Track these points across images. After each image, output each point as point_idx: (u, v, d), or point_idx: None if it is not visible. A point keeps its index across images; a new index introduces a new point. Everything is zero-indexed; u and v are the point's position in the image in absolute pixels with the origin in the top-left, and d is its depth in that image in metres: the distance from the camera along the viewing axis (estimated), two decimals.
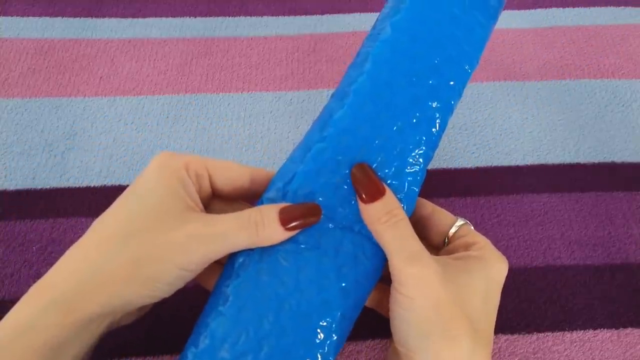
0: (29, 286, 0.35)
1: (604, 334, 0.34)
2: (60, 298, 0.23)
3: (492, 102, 0.47)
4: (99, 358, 0.28)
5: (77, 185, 0.40)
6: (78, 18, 0.53)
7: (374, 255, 0.26)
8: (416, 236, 0.25)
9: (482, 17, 0.28)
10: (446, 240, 0.28)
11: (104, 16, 0.53)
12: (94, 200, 0.40)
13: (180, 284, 0.25)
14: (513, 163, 0.43)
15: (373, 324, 0.33)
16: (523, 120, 0.46)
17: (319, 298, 0.25)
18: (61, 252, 0.37)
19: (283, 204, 0.25)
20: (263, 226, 0.24)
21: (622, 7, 0.55)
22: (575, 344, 0.34)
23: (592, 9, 0.55)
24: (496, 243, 0.38)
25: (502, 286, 0.26)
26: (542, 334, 0.34)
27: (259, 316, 0.24)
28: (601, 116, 0.46)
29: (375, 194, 0.25)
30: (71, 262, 0.24)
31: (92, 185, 0.40)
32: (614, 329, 0.34)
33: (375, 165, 0.26)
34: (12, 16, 0.52)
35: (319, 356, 0.24)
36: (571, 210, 0.40)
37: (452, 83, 0.27)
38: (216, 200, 0.29)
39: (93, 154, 0.42)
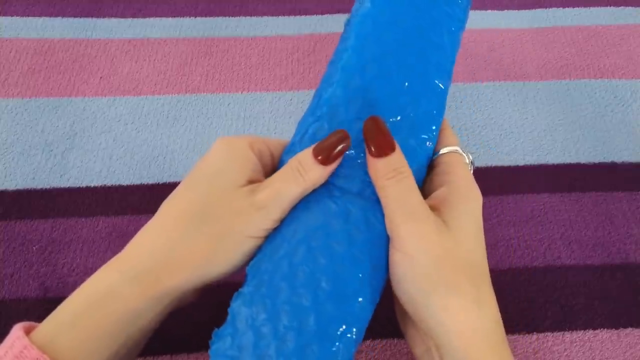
0: (29, 286, 0.35)
1: (604, 334, 0.34)
2: (143, 271, 0.24)
3: (492, 102, 0.47)
4: None
5: (77, 185, 0.40)
6: (78, 18, 0.53)
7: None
8: (419, 192, 0.25)
9: None
10: (433, 157, 0.28)
11: (104, 16, 0.53)
12: (94, 200, 0.40)
13: (253, 253, 0.26)
14: (513, 163, 0.43)
15: (373, 324, 0.33)
16: (523, 120, 0.46)
17: (331, 264, 0.25)
18: (61, 252, 0.37)
19: (313, 145, 0.26)
20: (305, 170, 0.25)
21: (622, 7, 0.55)
22: (575, 344, 0.34)
23: (592, 9, 0.55)
24: (496, 243, 0.38)
25: (481, 215, 0.26)
26: (542, 334, 0.34)
27: (275, 288, 0.24)
28: (601, 116, 0.46)
29: (385, 149, 0.25)
30: (150, 238, 0.25)
31: (92, 185, 0.40)
32: (614, 329, 0.34)
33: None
34: (12, 16, 0.52)
35: (343, 320, 0.24)
36: (571, 210, 0.40)
37: (440, 44, 0.28)
38: None
39: (93, 154, 0.42)
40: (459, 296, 0.23)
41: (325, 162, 0.25)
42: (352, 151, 0.26)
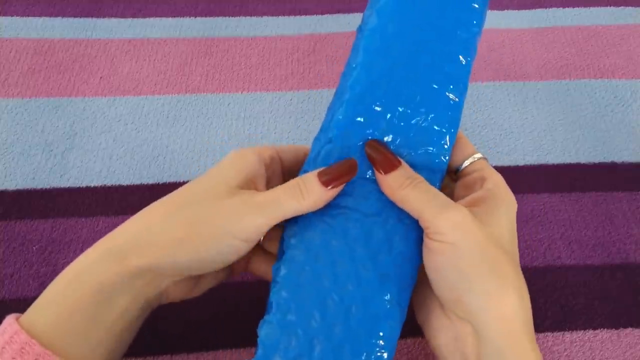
0: (29, 286, 0.35)
1: (604, 334, 0.34)
2: (115, 248, 0.25)
3: (492, 102, 0.47)
4: None
5: (77, 185, 0.40)
6: (78, 18, 0.53)
7: (407, 237, 0.26)
8: (440, 192, 0.25)
9: None
10: (459, 169, 0.28)
11: (104, 16, 0.53)
12: (94, 200, 0.40)
13: (231, 255, 0.25)
14: (513, 163, 0.43)
15: None
16: (523, 120, 0.46)
17: (359, 290, 0.25)
18: (61, 252, 0.37)
19: (321, 168, 0.26)
20: (306, 190, 0.25)
21: (622, 7, 0.55)
22: (575, 344, 0.34)
23: (592, 9, 0.55)
24: None
25: (515, 218, 0.26)
26: (542, 334, 0.34)
27: (306, 317, 0.24)
28: (601, 116, 0.46)
29: (391, 166, 0.25)
30: (133, 222, 0.26)
31: (92, 185, 0.40)
32: (614, 329, 0.34)
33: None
34: (12, 16, 0.52)
35: (376, 344, 0.24)
36: (571, 210, 0.40)
37: (452, 54, 0.27)
38: None
39: (93, 154, 0.42)
40: (503, 281, 0.23)
41: (328, 186, 0.25)
42: (368, 173, 0.27)
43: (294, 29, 0.53)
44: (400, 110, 0.27)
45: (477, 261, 0.23)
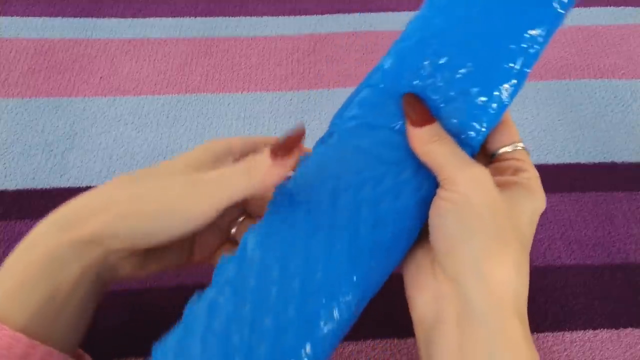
0: None
1: (604, 334, 0.34)
2: (62, 219, 0.25)
3: None
4: (98, 358, 0.28)
5: (77, 185, 0.40)
6: (78, 18, 0.53)
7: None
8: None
9: None
10: (496, 153, 0.27)
11: (104, 16, 0.53)
12: None
13: (181, 227, 0.25)
14: None
15: (373, 324, 0.33)
16: (523, 120, 0.46)
17: (299, 288, 0.24)
18: None
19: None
20: (255, 167, 0.25)
21: (622, 7, 0.55)
22: (575, 344, 0.34)
23: (592, 9, 0.55)
24: None
25: (538, 219, 0.25)
26: (542, 334, 0.34)
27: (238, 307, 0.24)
28: (601, 116, 0.46)
29: (425, 120, 0.25)
30: (84, 194, 0.26)
31: (92, 185, 0.40)
32: (614, 329, 0.34)
33: None
34: (12, 16, 0.52)
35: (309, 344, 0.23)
36: (571, 210, 0.40)
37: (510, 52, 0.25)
38: None
39: (93, 154, 0.42)
40: (504, 248, 0.22)
41: (277, 159, 0.24)
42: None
43: (294, 29, 0.53)
44: (449, 73, 0.25)
45: (485, 218, 0.22)
